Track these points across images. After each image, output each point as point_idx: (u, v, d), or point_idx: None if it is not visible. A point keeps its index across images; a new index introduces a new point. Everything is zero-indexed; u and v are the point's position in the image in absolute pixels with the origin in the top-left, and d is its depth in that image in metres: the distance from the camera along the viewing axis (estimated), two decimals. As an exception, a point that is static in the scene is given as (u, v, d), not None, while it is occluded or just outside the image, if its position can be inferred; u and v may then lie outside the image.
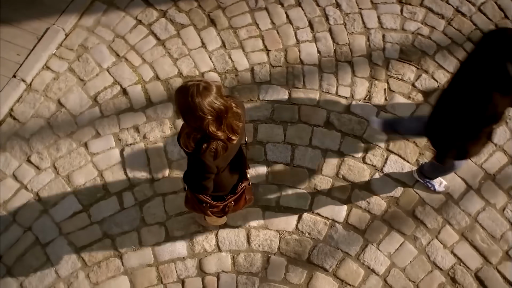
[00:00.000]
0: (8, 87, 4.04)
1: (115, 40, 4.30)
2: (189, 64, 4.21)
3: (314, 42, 4.26)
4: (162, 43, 4.29)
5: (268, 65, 4.19)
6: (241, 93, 4.08)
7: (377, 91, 4.06)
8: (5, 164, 3.87)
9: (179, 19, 4.38)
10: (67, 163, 3.87)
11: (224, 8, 4.41)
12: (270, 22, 4.35)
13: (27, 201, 3.76)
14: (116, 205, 3.74)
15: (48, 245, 3.63)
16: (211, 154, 2.41)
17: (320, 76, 4.13)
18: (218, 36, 4.31)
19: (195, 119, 2.26)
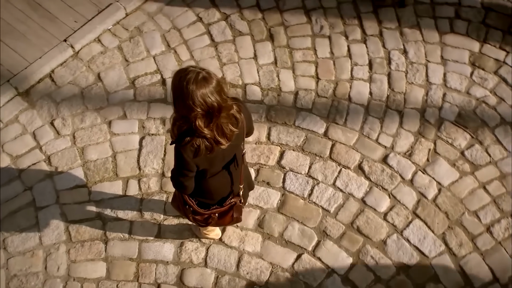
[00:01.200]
0: (56, 49, 4.22)
1: (170, 31, 4.40)
2: (235, 71, 4.22)
3: (368, 83, 4.15)
4: (215, 45, 4.35)
5: (314, 93, 4.11)
6: (277, 114, 4.02)
7: (420, 149, 3.86)
8: (29, 120, 4.01)
9: (239, 26, 4.43)
10: (86, 135, 3.95)
11: (287, 26, 4.42)
12: (329, 51, 4.30)
13: (37, 162, 3.86)
14: (119, 190, 3.75)
15: (41, 210, 3.69)
16: (192, 149, 2.33)
17: (365, 118, 4.00)
18: (273, 52, 4.31)
19: (184, 106, 2.20)
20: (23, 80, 4.10)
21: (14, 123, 4.00)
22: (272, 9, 4.52)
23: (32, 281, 3.46)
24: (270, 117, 4.03)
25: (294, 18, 4.47)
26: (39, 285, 3.45)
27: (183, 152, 2.34)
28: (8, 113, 4.04)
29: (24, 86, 4.11)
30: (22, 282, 3.45)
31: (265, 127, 3.99)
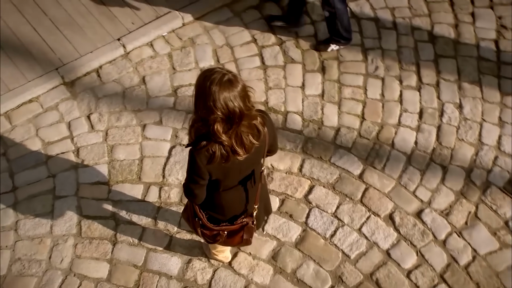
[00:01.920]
0: (108, 46, 4.34)
1: (223, 47, 4.44)
2: (279, 97, 4.18)
3: (415, 131, 3.99)
4: (264, 68, 4.34)
5: (357, 133, 4.00)
6: (314, 147, 3.92)
7: (460, 210, 3.64)
8: (68, 110, 4.10)
9: (293, 53, 4.41)
10: (118, 134, 3.99)
11: (341, 61, 4.36)
12: (379, 93, 4.19)
13: (65, 151, 3.92)
14: (138, 194, 3.73)
15: (59, 199, 3.71)
16: (206, 155, 2.26)
17: (405, 167, 3.83)
18: (321, 85, 4.25)
19: (204, 107, 2.13)
20: (71, 70, 4.23)
21: (53, 110, 4.11)
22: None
23: (33, 268, 3.45)
24: (306, 149, 3.93)
25: (349, 54, 4.41)
26: (40, 274, 3.43)
27: (197, 156, 2.27)
28: (50, 99, 4.15)
29: (70, 77, 4.23)
30: (24, 267, 3.45)
31: (299, 158, 3.89)
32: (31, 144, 3.95)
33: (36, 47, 4.31)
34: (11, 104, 4.07)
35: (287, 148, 3.95)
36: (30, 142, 3.96)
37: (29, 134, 3.99)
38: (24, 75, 4.17)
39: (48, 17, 4.47)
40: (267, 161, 3.87)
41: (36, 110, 4.10)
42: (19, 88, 4.12)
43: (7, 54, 4.26)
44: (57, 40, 4.36)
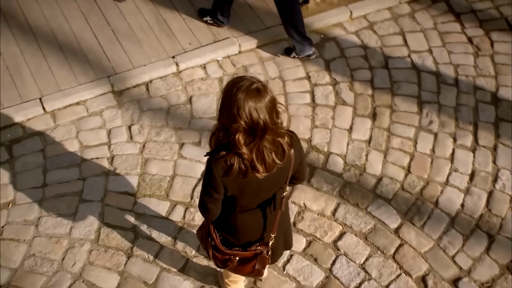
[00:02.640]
0: (162, 62, 4.42)
1: (275, 79, 4.42)
2: (324, 137, 4.08)
3: (463, 194, 3.75)
4: (314, 106, 4.27)
5: (399, 185, 3.81)
6: (352, 193, 3.76)
7: (504, 286, 3.34)
8: (111, 118, 4.16)
9: (345, 95, 4.32)
10: (155, 149, 3.98)
11: (394, 110, 4.23)
12: (430, 148, 4.00)
13: (100, 157, 3.94)
14: (163, 211, 3.67)
15: (84, 203, 3.71)
16: (223, 166, 2.16)
17: (446, 229, 3.58)
18: (370, 131, 4.12)
19: (228, 114, 2.05)
20: (121, 80, 4.32)
21: (97, 115, 4.18)
22: (385, 89, 4.39)
23: (45, 267, 3.42)
24: (343, 193, 3.77)
25: (404, 104, 4.27)
26: (50, 273, 3.39)
27: (214, 166, 2.19)
28: (96, 105, 4.23)
29: (120, 86, 4.31)
30: (37, 263, 3.43)
31: (334, 202, 3.73)
32: (69, 145, 4.01)
33: (93, 54, 4.45)
34: (58, 104, 4.19)
35: (324, 189, 3.80)
36: (69, 143, 4.02)
37: (70, 135, 4.06)
38: (77, 78, 4.30)
39: (110, 27, 4.63)
40: (300, 198, 3.74)
41: (81, 113, 4.19)
42: (69, 89, 4.23)
43: (65, 57, 4.42)
44: (114, 49, 4.49)
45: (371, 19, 4.90)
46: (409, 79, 4.46)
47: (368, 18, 4.91)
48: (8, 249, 3.50)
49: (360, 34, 4.78)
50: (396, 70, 4.53)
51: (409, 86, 4.41)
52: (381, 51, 4.66)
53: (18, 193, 3.76)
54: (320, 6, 4.93)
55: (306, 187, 3.82)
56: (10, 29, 4.57)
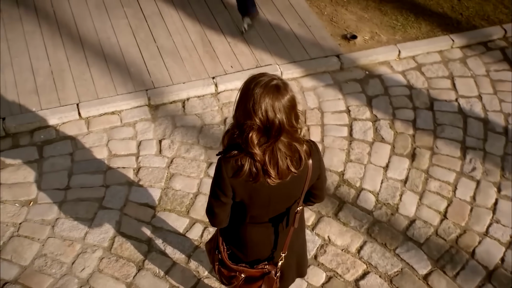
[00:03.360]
0: (201, 81, 4.41)
1: (314, 110, 4.32)
2: (357, 172, 3.90)
3: (505, 247, 3.47)
4: (350, 140, 4.12)
5: (433, 230, 3.56)
6: (381, 232, 3.54)
7: None
8: (143, 130, 4.14)
9: (384, 133, 4.16)
10: (182, 165, 3.92)
11: (435, 153, 4.02)
12: (470, 196, 3.76)
13: (127, 167, 3.90)
14: (181, 227, 3.56)
15: (103, 209, 3.65)
16: (233, 167, 2.03)
17: (482, 283, 3.29)
18: (407, 171, 3.92)
19: (244, 110, 1.93)
20: (159, 95, 4.33)
21: (130, 127, 4.17)
22: (427, 131, 4.20)
23: (54, 268, 3.34)
24: (371, 231, 3.56)
25: (446, 148, 4.07)
26: (57, 276, 3.31)
27: (223, 165, 2.06)
28: (130, 116, 4.24)
29: (156, 100, 4.31)
30: (46, 264, 3.36)
31: (361, 239, 3.52)
32: (98, 152, 4.00)
33: (135, 67, 4.50)
34: (94, 111, 4.22)
35: (351, 224, 3.60)
36: (98, 150, 4.02)
37: (100, 142, 4.06)
38: (116, 89, 4.34)
39: (156, 44, 4.70)
40: (325, 231, 3.56)
41: (115, 122, 4.20)
42: (107, 98, 4.27)
43: (108, 67, 4.49)
44: (156, 65, 4.53)
45: (420, 61, 4.77)
46: (454, 123, 4.26)
47: (416, 60, 4.78)
48: (21, 246, 3.45)
49: (407, 74, 4.65)
50: (441, 113, 4.34)
51: (454, 130, 4.21)
52: (427, 92, 4.50)
53: (40, 192, 3.75)
54: (368, 43, 4.85)
55: (332, 220, 3.63)
56: (61, 37, 4.70)
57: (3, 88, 4.29)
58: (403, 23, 5.06)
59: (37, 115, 4.13)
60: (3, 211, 3.63)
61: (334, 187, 3.83)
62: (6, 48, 4.59)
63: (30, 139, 4.05)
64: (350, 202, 3.74)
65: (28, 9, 4.95)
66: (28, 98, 4.24)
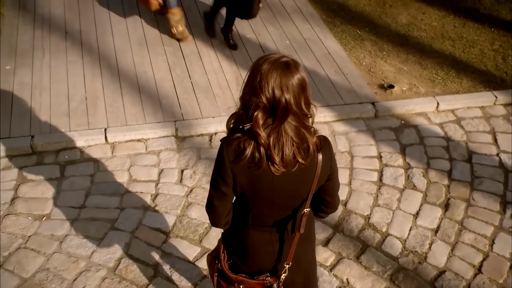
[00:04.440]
0: (231, 117, 4.36)
1: (344, 153, 4.15)
2: (384, 217, 3.65)
3: (546, 309, 3.08)
4: (379, 185, 3.90)
5: (465, 283, 3.22)
6: (406, 280, 3.23)
7: None
8: (167, 159, 4.07)
9: (417, 181, 3.92)
10: (201, 195, 3.78)
11: (471, 205, 3.73)
12: (510, 252, 3.41)
13: (145, 192, 3.80)
14: (191, 256, 3.36)
15: (114, 230, 3.51)
16: (235, 150, 1.88)
17: None
18: (439, 220, 3.63)
19: (251, 87, 1.81)
20: (187, 127, 4.28)
21: (154, 155, 4.11)
22: (463, 182, 3.93)
23: (54, 283, 3.17)
24: (395, 278, 3.25)
25: (484, 200, 3.77)
26: (56, 291, 3.17)
27: (224, 148, 1.92)
28: (156, 145, 4.19)
29: (184, 132, 4.27)
30: (48, 278, 3.20)
31: (383, 285, 3.21)
32: (118, 176, 3.94)
33: (167, 99, 4.52)
34: (121, 137, 4.20)
35: (373, 269, 3.31)
36: (119, 174, 3.95)
37: (122, 167, 4.00)
38: (145, 117, 4.34)
39: (191, 80, 4.73)
40: (344, 273, 3.28)
41: (140, 150, 4.16)
42: (135, 125, 4.26)
43: (141, 98, 4.52)
44: (188, 99, 4.53)
45: (460, 115, 4.58)
46: (494, 177, 3.98)
47: (456, 113, 4.59)
48: (26, 258, 3.33)
49: (445, 126, 4.45)
50: (480, 166, 4.08)
51: (493, 183, 3.92)
52: (465, 145, 4.26)
53: (55, 208, 3.67)
54: (405, 94, 4.72)
55: (353, 262, 3.36)
56: (100, 68, 4.82)
57: (37, 109, 4.38)
58: (444, 77, 4.93)
59: (65, 136, 4.16)
60: (15, 223, 3.56)
61: (358, 230, 3.57)
62: (47, 74, 4.74)
63: (54, 158, 4.05)
64: (374, 246, 3.46)
65: (74, 41, 5.15)
66: (59, 119, 4.30)
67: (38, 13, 5.53)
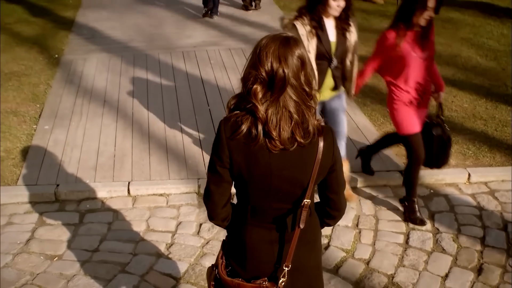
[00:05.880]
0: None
1: (368, 216, 3.98)
2: (410, 277, 3.39)
3: None
4: (405, 247, 3.67)
5: None
6: None
7: None
8: (187, 213, 4.00)
9: (446, 245, 3.68)
10: (217, 247, 3.60)
11: (508, 271, 3.43)
12: (550, 318, 3.07)
13: (160, 241, 3.71)
14: (200, 301, 3.18)
15: (124, 273, 3.39)
16: (233, 126, 1.84)
17: None
18: (471, 283, 3.34)
19: (251, 63, 1.82)
20: (210, 184, 4.27)
21: (174, 209, 4.07)
22: (498, 249, 3.65)
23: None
24: (419, 337, 2.95)
25: (522, 266, 3.48)
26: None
27: (222, 124, 1.88)
28: (177, 200, 4.16)
29: (206, 189, 4.24)
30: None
31: None
32: (136, 225, 3.88)
33: (193, 160, 4.56)
34: (143, 191, 4.21)
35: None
36: (137, 223, 3.90)
37: (141, 218, 3.96)
38: (169, 174, 4.36)
39: (218, 144, 4.80)
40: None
41: (161, 203, 4.13)
42: (158, 181, 4.28)
43: (167, 157, 4.58)
44: (214, 160, 4.56)
45: (493, 187, 4.38)
46: (532, 246, 3.71)
47: (489, 185, 4.40)
48: (30, 294, 3.24)
49: (477, 196, 4.25)
50: (516, 234, 3.82)
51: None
52: (500, 215, 4.02)
53: (68, 250, 3.61)
54: (435, 165, 4.61)
55: (373, 318, 3.08)
56: (131, 131, 4.99)
57: (66, 162, 4.49)
58: (475, 152, 4.80)
59: (88, 186, 4.20)
60: (26, 261, 3.50)
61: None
62: (82, 134, 4.92)
63: (76, 206, 4.07)
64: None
65: (111, 108, 5.40)
66: (86, 172, 4.38)
67: (82, 86, 5.91)
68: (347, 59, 3.80)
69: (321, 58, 3.67)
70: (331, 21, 3.67)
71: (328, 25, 3.66)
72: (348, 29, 3.73)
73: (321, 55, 3.65)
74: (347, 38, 3.74)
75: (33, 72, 6.23)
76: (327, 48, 3.66)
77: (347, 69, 3.84)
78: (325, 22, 3.64)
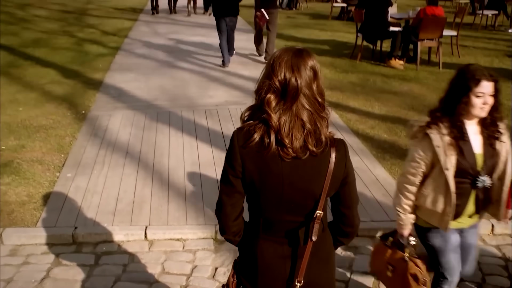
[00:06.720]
0: (272, 225, 4.28)
1: (388, 264, 3.88)
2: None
3: None
4: None
5: None
6: None
7: None
8: (203, 258, 3.97)
9: (470, 294, 3.53)
10: None
11: (536, 321, 3.27)
12: None
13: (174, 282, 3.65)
14: None
15: (137, 313, 3.33)
16: (245, 135, 1.88)
17: None
18: (497, 333, 3.18)
19: (265, 72, 1.88)
20: (227, 231, 4.24)
21: (190, 253, 4.03)
22: (525, 298, 3.50)
23: None
24: None
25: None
26: None
27: (236, 134, 1.92)
28: (194, 245, 4.13)
29: (223, 236, 4.21)
30: None
31: None
32: (151, 268, 3.84)
33: (211, 206, 4.52)
34: (160, 235, 4.20)
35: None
36: (152, 266, 3.86)
37: (156, 261, 3.92)
38: (187, 220, 4.36)
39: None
40: None
41: (177, 248, 4.10)
42: (176, 226, 4.27)
43: (186, 204, 4.59)
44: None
45: (518, 239, 4.26)
46: (561, 296, 3.53)
47: (514, 237, 4.29)
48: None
49: (502, 248, 4.12)
50: (543, 285, 3.66)
51: None
52: None
53: (81, 290, 3.59)
54: (457, 216, 4.50)
55: None
56: (152, 180, 5.04)
57: (86, 207, 4.53)
58: (499, 204, 4.70)
59: (106, 229, 4.21)
60: (39, 299, 3.48)
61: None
62: (103, 181, 4.99)
63: (92, 249, 4.07)
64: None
65: (132, 159, 5.49)
66: (104, 216, 4.40)
67: (105, 139, 6.05)
68: (494, 174, 2.82)
69: (463, 176, 2.74)
70: (474, 126, 2.78)
71: (471, 131, 2.77)
72: (499, 137, 2.80)
73: (463, 172, 2.73)
74: (496, 148, 2.79)
75: (60, 126, 6.43)
76: (471, 162, 2.74)
77: (494, 188, 2.84)
78: (467, 127, 2.76)
